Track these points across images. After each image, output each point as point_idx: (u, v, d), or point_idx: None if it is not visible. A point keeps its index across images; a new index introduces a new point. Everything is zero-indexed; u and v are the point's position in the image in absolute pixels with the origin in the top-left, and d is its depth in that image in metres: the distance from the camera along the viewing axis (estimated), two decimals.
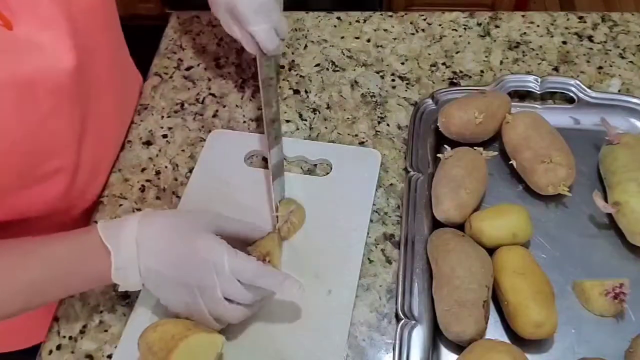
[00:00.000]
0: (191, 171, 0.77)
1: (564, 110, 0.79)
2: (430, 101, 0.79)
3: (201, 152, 0.78)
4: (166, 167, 0.78)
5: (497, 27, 0.91)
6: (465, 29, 0.91)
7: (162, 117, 0.83)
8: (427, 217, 0.69)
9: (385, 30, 0.92)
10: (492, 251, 0.65)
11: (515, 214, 0.66)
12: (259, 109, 0.83)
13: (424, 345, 0.60)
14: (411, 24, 0.92)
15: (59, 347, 0.65)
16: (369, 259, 0.69)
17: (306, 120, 0.82)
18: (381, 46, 0.89)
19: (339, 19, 0.93)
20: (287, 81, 0.86)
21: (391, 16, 0.93)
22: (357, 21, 0.93)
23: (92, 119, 0.67)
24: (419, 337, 0.61)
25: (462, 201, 0.66)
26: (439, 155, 0.73)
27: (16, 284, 0.55)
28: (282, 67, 0.87)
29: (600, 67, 0.85)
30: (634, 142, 0.70)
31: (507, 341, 0.61)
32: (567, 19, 0.91)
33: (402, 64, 0.87)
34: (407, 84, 0.85)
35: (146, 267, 0.57)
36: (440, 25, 0.92)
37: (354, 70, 0.87)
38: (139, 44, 0.88)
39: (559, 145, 0.70)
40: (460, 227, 0.67)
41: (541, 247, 0.67)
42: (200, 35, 0.93)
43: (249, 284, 0.57)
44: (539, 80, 0.79)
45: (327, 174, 0.75)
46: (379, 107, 0.82)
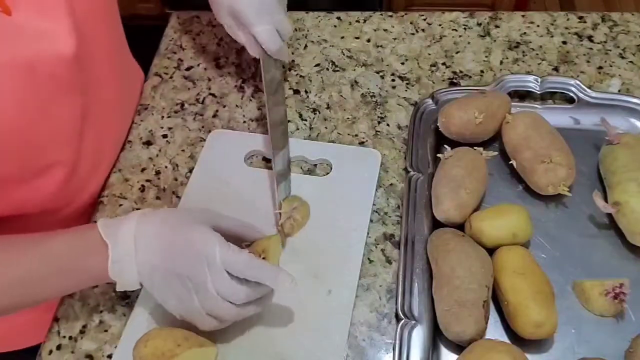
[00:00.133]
0: (191, 171, 0.77)
1: (564, 110, 0.79)
2: (430, 101, 0.79)
3: (201, 152, 0.78)
4: (166, 167, 0.78)
5: (497, 27, 0.91)
6: (465, 29, 0.91)
7: (162, 117, 0.83)
8: (427, 217, 0.69)
9: (385, 30, 0.92)
10: (492, 251, 0.65)
11: (515, 214, 0.66)
12: (259, 109, 0.83)
13: (424, 345, 0.60)
14: (411, 24, 0.92)
15: (59, 347, 0.65)
16: (369, 259, 0.69)
17: (306, 120, 0.82)
18: (381, 46, 0.89)
19: (339, 19, 0.93)
20: (287, 81, 0.86)
21: (391, 16, 0.93)
22: (357, 21, 0.93)
23: (93, 113, 0.67)
24: (419, 337, 0.61)
25: (462, 201, 0.66)
26: (439, 155, 0.73)
27: (9, 279, 0.55)
28: (282, 67, 0.87)
29: (600, 67, 0.84)
30: (634, 142, 0.70)
31: (507, 341, 0.61)
32: (567, 19, 0.91)
33: (402, 64, 0.87)
34: (407, 84, 0.85)
35: (142, 261, 0.57)
36: (440, 25, 0.92)
37: (354, 70, 0.87)
38: (139, 44, 0.88)
39: (559, 145, 0.70)
40: (460, 227, 0.67)
41: (541, 247, 0.67)
42: (200, 35, 0.93)
43: (242, 278, 0.56)
44: (539, 80, 0.79)
45: (327, 174, 0.75)
46: (379, 107, 0.82)
